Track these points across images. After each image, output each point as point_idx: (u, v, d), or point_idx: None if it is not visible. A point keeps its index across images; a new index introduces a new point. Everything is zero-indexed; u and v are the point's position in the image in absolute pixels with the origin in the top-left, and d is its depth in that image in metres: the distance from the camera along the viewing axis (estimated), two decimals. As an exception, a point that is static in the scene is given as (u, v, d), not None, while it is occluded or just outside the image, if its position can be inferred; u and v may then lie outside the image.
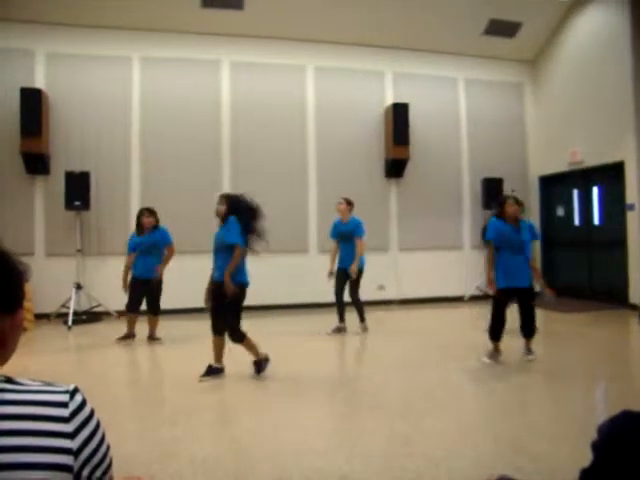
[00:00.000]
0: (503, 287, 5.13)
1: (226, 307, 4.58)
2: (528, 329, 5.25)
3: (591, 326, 7.30)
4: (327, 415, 3.91)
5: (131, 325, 6.34)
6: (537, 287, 5.45)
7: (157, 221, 6.40)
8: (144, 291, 6.29)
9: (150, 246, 6.29)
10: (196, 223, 8.05)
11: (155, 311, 6.36)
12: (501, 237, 5.16)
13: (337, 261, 6.87)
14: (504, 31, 9.65)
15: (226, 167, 8.93)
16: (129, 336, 6.33)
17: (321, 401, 4.19)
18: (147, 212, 6.39)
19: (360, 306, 6.86)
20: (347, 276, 6.75)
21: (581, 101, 9.21)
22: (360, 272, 6.73)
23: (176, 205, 8.23)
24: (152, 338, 6.38)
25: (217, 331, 4.71)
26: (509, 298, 5.23)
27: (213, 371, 4.71)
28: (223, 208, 4.74)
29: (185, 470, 2.91)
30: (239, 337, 4.62)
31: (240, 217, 4.68)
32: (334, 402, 4.23)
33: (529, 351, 5.31)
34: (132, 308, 6.31)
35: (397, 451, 3.12)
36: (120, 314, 7.27)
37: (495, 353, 5.26)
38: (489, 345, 5.27)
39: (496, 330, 5.21)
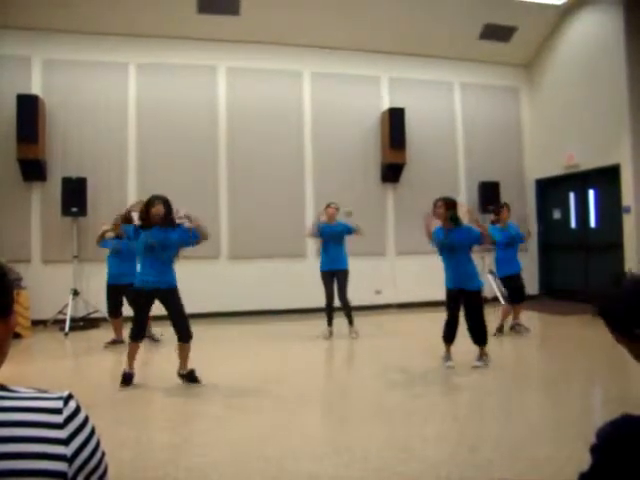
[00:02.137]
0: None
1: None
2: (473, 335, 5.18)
3: (588, 329, 7.29)
4: (325, 420, 3.90)
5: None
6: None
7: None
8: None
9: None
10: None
11: None
12: (436, 242, 5.33)
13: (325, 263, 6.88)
14: (499, 36, 9.71)
15: (223, 171, 8.93)
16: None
17: (318, 406, 4.17)
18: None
19: (349, 309, 6.87)
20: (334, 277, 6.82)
21: (576, 104, 9.25)
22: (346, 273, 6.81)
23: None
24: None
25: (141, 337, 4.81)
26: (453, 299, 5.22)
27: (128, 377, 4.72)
28: (162, 209, 4.62)
29: (182, 476, 2.89)
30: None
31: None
32: (331, 407, 4.22)
33: (479, 358, 5.18)
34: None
35: (395, 456, 3.11)
36: None
37: (446, 354, 5.25)
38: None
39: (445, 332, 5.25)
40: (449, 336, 5.22)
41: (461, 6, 8.99)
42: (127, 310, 6.27)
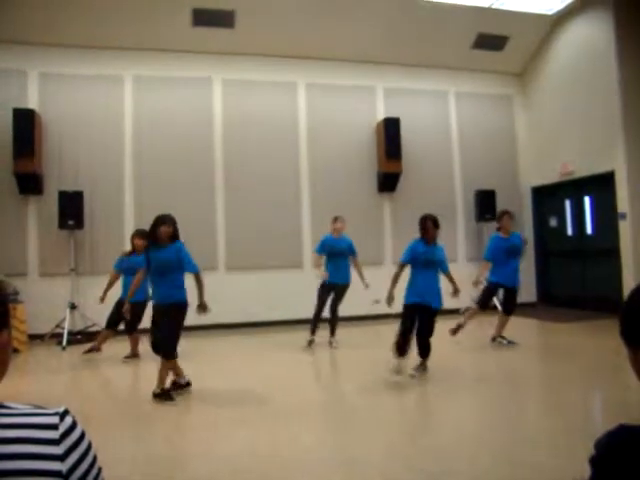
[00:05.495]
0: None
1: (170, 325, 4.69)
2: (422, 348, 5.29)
3: (586, 336, 7.29)
4: (324, 432, 3.87)
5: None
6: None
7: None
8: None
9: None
10: (190, 240, 8.00)
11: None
12: (414, 255, 5.51)
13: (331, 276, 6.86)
14: (492, 45, 9.80)
15: (219, 183, 8.94)
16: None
17: (317, 418, 4.15)
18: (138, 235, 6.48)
19: (337, 321, 6.99)
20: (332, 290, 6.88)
21: (570, 112, 9.32)
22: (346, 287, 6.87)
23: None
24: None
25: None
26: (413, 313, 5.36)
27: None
28: (170, 230, 4.76)
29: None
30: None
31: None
32: (330, 418, 4.20)
33: (418, 368, 5.30)
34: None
35: (394, 467, 3.09)
36: None
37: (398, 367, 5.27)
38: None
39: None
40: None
41: (454, 16, 9.07)
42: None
